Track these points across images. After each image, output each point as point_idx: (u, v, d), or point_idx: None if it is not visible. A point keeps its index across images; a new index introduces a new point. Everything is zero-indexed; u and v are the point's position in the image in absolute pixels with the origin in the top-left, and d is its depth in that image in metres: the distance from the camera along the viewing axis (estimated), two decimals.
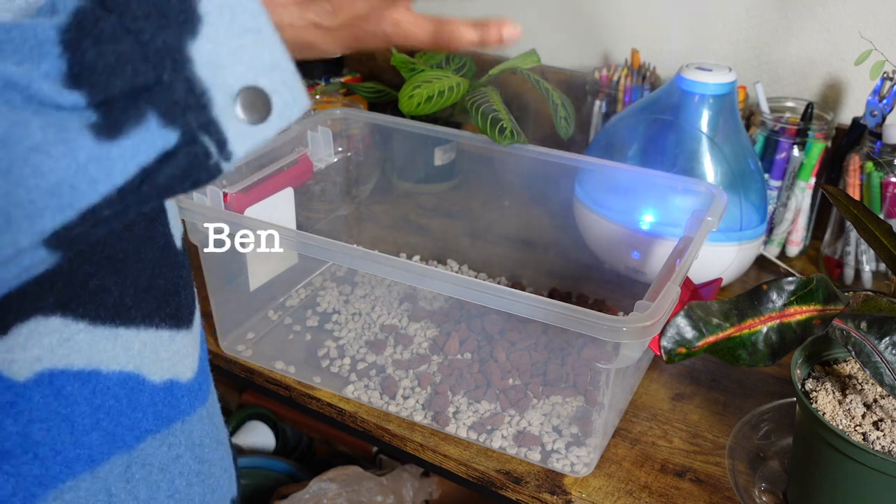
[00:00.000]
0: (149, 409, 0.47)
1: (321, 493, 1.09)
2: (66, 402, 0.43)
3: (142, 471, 0.47)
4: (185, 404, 0.50)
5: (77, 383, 0.43)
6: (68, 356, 0.43)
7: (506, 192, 1.11)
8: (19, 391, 0.41)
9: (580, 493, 0.70)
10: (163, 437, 0.48)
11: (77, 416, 0.43)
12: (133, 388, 0.46)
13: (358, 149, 1.07)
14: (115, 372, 0.45)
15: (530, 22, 1.26)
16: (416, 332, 0.88)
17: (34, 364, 0.42)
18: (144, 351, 0.46)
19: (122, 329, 0.45)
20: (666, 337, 0.59)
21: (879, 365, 0.57)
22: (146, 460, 0.47)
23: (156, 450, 0.48)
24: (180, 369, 0.49)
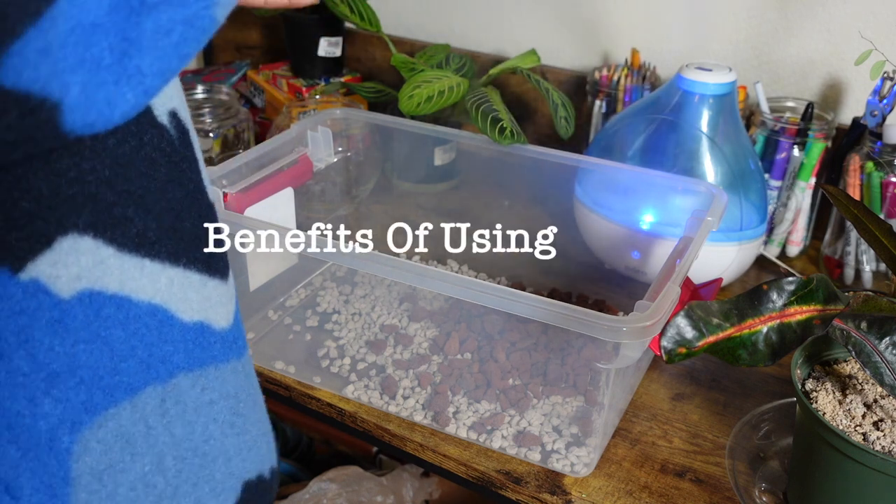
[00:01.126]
0: (180, 344, 0.48)
1: (321, 493, 1.09)
2: (104, 325, 0.45)
3: (176, 407, 0.48)
4: (218, 351, 0.51)
5: (112, 307, 0.45)
6: (102, 278, 0.44)
7: (506, 192, 1.11)
8: (65, 308, 0.43)
9: (580, 493, 0.70)
10: (195, 378, 0.49)
11: (115, 340, 0.45)
12: (163, 320, 0.47)
13: (358, 149, 1.07)
14: (145, 301, 0.46)
15: (530, 22, 1.26)
16: (416, 332, 0.88)
17: (75, 282, 0.43)
18: (172, 287, 0.48)
19: (147, 261, 0.46)
20: (666, 337, 0.59)
21: (879, 365, 0.57)
22: (179, 397, 0.48)
23: (189, 388, 0.49)
24: (212, 315, 0.51)
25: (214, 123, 1.09)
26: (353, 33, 1.38)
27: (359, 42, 1.39)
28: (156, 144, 0.46)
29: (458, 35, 1.33)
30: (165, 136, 0.47)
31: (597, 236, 0.97)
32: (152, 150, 0.46)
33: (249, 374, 0.55)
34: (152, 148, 0.46)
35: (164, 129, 0.47)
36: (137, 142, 0.45)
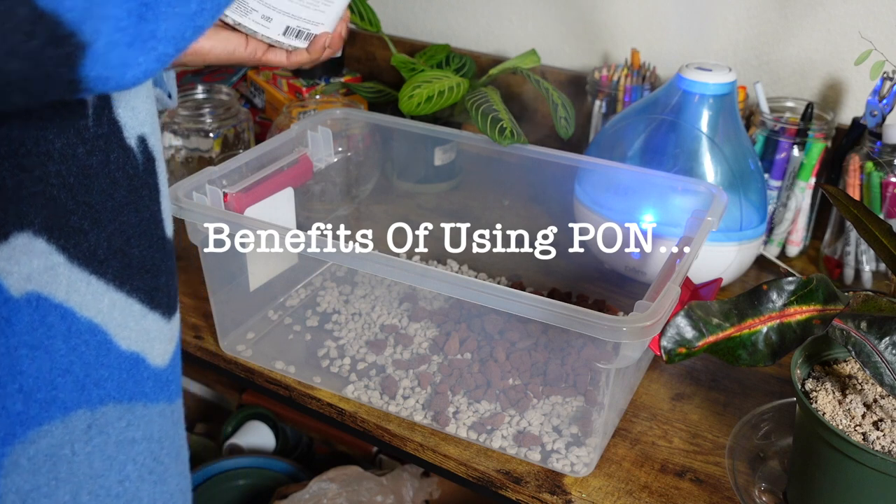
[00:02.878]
0: (114, 371, 0.48)
1: (321, 493, 1.09)
2: (48, 333, 0.44)
3: (99, 437, 0.47)
4: (150, 389, 0.50)
5: (57, 316, 0.45)
6: (51, 284, 0.44)
7: (506, 192, 1.11)
8: (13, 307, 0.43)
9: (580, 493, 0.70)
10: (123, 410, 0.49)
11: (56, 351, 0.45)
12: (101, 342, 0.47)
13: (358, 149, 1.07)
14: (87, 319, 0.46)
15: (530, 22, 1.26)
16: (416, 332, 0.88)
17: (25, 283, 0.43)
18: (113, 311, 0.47)
19: (94, 277, 0.46)
20: (666, 337, 0.59)
21: (879, 365, 0.57)
22: (105, 427, 0.48)
23: (115, 420, 0.48)
24: (148, 350, 0.50)
25: (214, 123, 1.09)
26: (353, 33, 1.38)
27: (359, 42, 1.39)
28: (120, 165, 0.46)
29: (458, 35, 1.33)
30: (130, 160, 0.47)
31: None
32: (116, 170, 0.46)
33: (177, 422, 0.54)
34: (116, 167, 0.46)
35: (131, 151, 0.47)
36: (104, 157, 0.45)
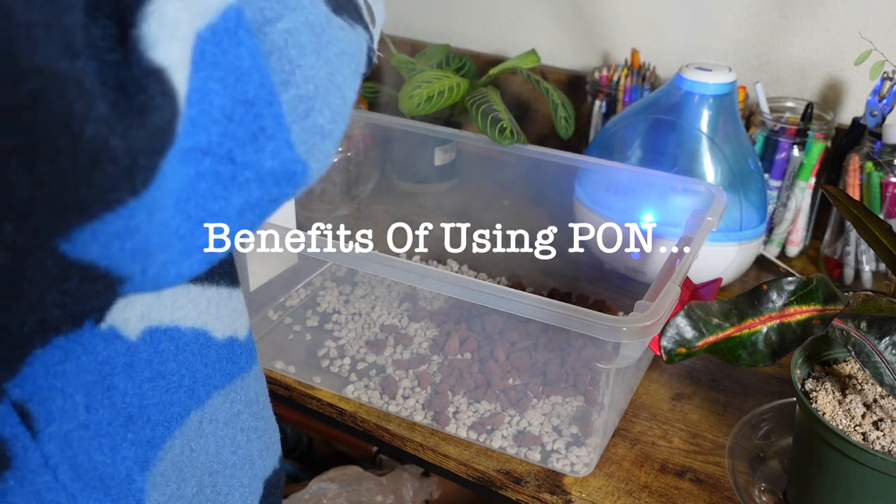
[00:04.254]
0: (216, 365, 0.49)
1: (321, 493, 1.09)
2: (161, 360, 0.44)
3: (210, 426, 0.48)
4: (244, 361, 0.52)
5: (167, 340, 0.45)
6: (159, 312, 0.44)
7: (506, 192, 1.11)
8: (133, 350, 0.43)
9: (580, 493, 0.70)
10: (226, 393, 0.50)
11: (169, 373, 0.45)
12: (203, 344, 0.47)
13: (358, 149, 1.07)
14: (190, 328, 0.46)
15: (530, 22, 1.26)
16: (416, 332, 0.88)
17: (139, 322, 0.43)
18: (210, 308, 0.48)
19: (190, 286, 0.46)
20: (666, 337, 0.59)
21: (879, 365, 0.57)
22: (214, 415, 0.49)
23: (221, 405, 0.49)
24: (238, 327, 0.51)
25: None
26: None
27: None
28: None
29: (458, 35, 1.33)
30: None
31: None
32: None
33: (261, 372, 0.56)
34: None
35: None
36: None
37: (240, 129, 0.34)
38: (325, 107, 0.38)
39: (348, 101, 0.40)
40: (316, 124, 0.37)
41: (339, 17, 0.42)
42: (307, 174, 0.38)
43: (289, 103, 0.36)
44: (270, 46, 0.35)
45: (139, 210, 0.30)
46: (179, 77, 0.31)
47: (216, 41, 0.33)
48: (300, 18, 0.37)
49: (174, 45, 0.31)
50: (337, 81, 0.39)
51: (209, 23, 0.32)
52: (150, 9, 0.30)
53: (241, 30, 0.34)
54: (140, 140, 0.29)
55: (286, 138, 0.36)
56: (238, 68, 0.33)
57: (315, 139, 0.38)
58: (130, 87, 0.29)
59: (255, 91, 0.34)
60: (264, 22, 0.35)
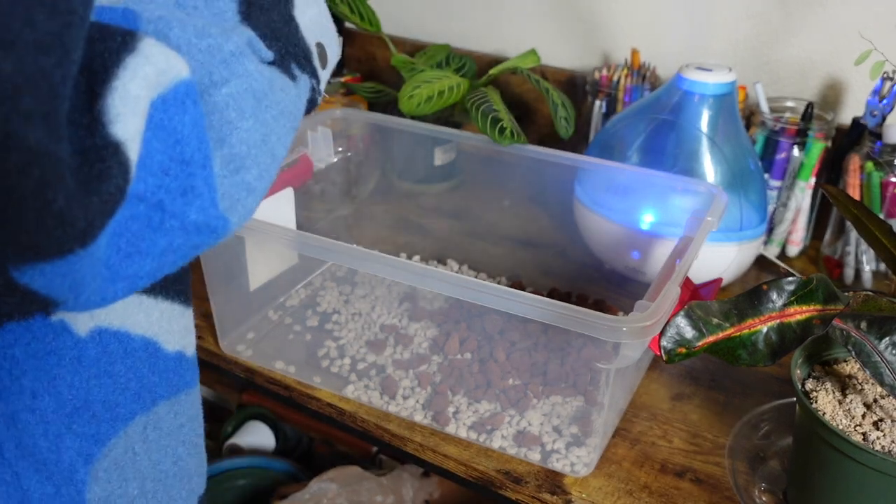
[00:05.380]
0: (164, 375, 0.51)
1: (321, 493, 1.09)
2: (110, 360, 0.47)
3: (154, 433, 0.51)
4: (189, 377, 0.54)
5: (115, 342, 0.47)
6: (108, 315, 0.47)
7: (506, 192, 1.11)
8: (81, 347, 0.45)
9: (580, 493, 0.70)
10: (171, 404, 0.52)
11: (117, 374, 0.48)
12: (152, 353, 0.50)
13: (358, 149, 1.07)
14: (140, 336, 0.49)
15: (530, 22, 1.26)
16: (416, 332, 0.88)
17: (88, 321, 0.46)
18: (162, 320, 0.50)
19: (144, 296, 0.49)
20: (666, 337, 0.59)
21: (879, 365, 0.57)
22: (158, 423, 0.51)
23: (166, 414, 0.52)
24: (187, 343, 0.54)
25: None
26: (353, 33, 1.38)
27: (359, 42, 1.39)
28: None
29: (458, 35, 1.33)
30: None
31: (597, 236, 0.97)
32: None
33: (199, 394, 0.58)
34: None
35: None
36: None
37: (173, 184, 0.38)
38: (255, 165, 0.42)
39: (278, 159, 0.45)
40: (244, 181, 0.42)
41: (283, 71, 0.45)
42: (227, 229, 0.42)
43: (221, 160, 0.40)
44: (213, 107, 0.40)
45: (84, 256, 0.34)
46: (133, 148, 0.35)
47: (165, 108, 0.37)
48: (244, 85, 0.41)
49: (133, 121, 0.35)
50: (270, 142, 0.43)
51: (161, 93, 0.37)
52: (116, 84, 0.35)
53: (188, 100, 0.38)
54: (96, 206, 0.34)
55: (212, 197, 0.40)
56: (180, 132, 0.38)
57: (241, 194, 0.42)
58: (92, 156, 0.34)
59: (192, 153, 0.38)
60: (211, 85, 0.40)
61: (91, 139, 0.34)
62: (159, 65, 0.37)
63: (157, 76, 0.36)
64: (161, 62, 0.37)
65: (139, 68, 0.36)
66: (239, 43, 0.42)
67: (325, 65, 0.51)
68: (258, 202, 0.44)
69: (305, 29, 0.49)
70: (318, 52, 0.50)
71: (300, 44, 0.48)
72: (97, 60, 0.35)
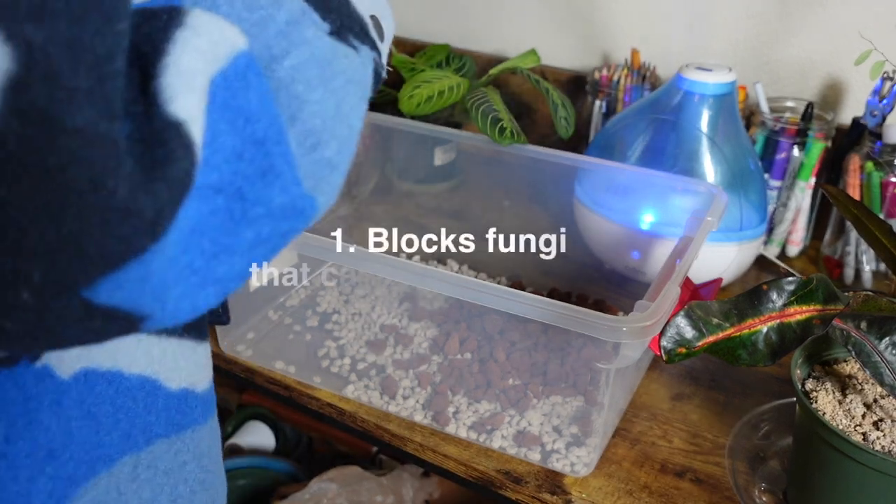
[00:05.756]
0: (162, 413, 0.48)
1: (321, 493, 1.09)
2: (95, 401, 0.44)
3: (147, 472, 0.48)
4: (198, 414, 0.51)
5: (104, 383, 0.45)
6: (99, 356, 0.44)
7: (506, 192, 1.11)
8: (63, 389, 0.43)
9: (580, 493, 0.70)
10: (171, 443, 0.49)
11: (102, 415, 0.45)
12: (150, 392, 0.47)
13: (358, 149, 1.07)
14: (136, 375, 0.46)
15: (530, 22, 1.26)
16: (416, 332, 0.88)
17: (75, 362, 0.43)
18: (164, 358, 0.47)
19: (143, 335, 0.46)
20: (666, 337, 0.59)
21: (879, 365, 0.57)
22: (152, 462, 0.48)
23: (163, 454, 0.49)
24: (197, 379, 0.51)
25: None
26: None
27: None
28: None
29: (458, 35, 1.33)
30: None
31: (597, 236, 0.97)
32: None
33: (216, 426, 0.55)
34: None
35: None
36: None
37: (250, 168, 0.35)
38: (333, 139, 0.39)
39: (355, 130, 0.41)
40: (324, 157, 0.38)
41: (343, 42, 0.42)
42: (315, 209, 0.39)
43: (296, 138, 0.36)
44: (278, 83, 0.36)
45: (157, 253, 0.31)
46: (196, 128, 0.32)
47: (227, 86, 0.34)
48: (306, 54, 0.38)
49: (191, 97, 0.32)
50: (344, 112, 0.40)
51: (221, 68, 0.34)
52: (167, 60, 0.32)
53: (250, 73, 0.35)
54: (163, 193, 0.30)
55: (294, 175, 0.36)
56: (247, 110, 0.34)
57: (323, 172, 0.38)
58: (152, 141, 0.31)
59: (264, 131, 0.35)
60: (271, 59, 0.36)
61: (149, 124, 0.31)
62: (212, 36, 0.34)
63: (211, 49, 0.33)
64: (214, 33, 0.34)
65: (189, 41, 0.33)
66: (293, 10, 0.38)
67: (382, 37, 0.48)
68: (343, 178, 0.41)
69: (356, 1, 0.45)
70: (374, 24, 0.47)
71: (354, 15, 0.44)
72: (145, 43, 0.32)
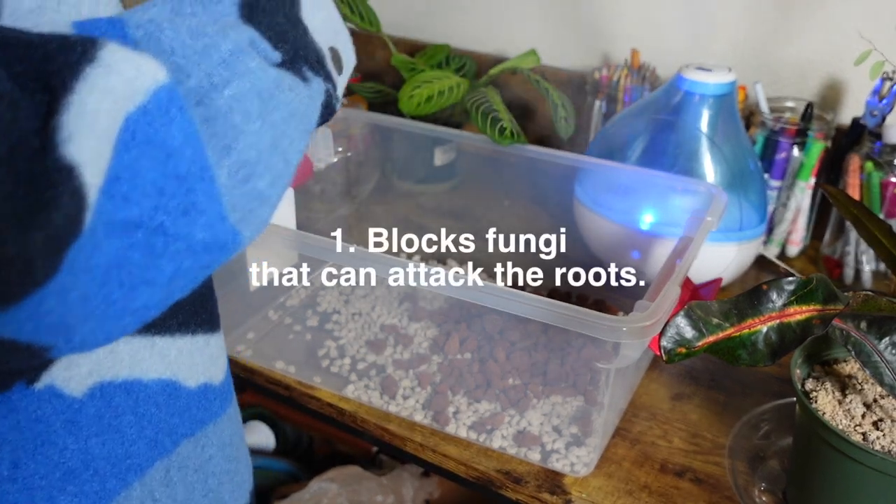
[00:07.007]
0: (185, 413, 0.48)
1: (321, 493, 1.09)
2: (115, 414, 0.44)
3: (179, 473, 0.48)
4: (217, 406, 0.51)
5: (123, 394, 0.44)
6: (113, 367, 0.43)
7: (506, 192, 1.11)
8: (77, 408, 0.42)
9: (580, 493, 0.70)
10: (196, 440, 0.49)
11: (125, 426, 0.44)
12: (171, 394, 0.47)
13: (358, 149, 1.07)
14: (155, 380, 0.46)
15: (530, 22, 1.26)
16: (416, 332, 0.88)
17: (87, 379, 0.42)
18: (181, 357, 0.47)
19: (157, 338, 0.45)
20: (666, 337, 0.59)
21: (879, 365, 0.57)
22: (183, 463, 0.48)
23: (191, 452, 0.49)
24: (213, 372, 0.50)
25: None
26: (353, 33, 1.37)
27: (359, 42, 1.38)
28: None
29: (458, 35, 1.33)
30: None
31: (597, 236, 0.97)
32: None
33: (236, 413, 0.54)
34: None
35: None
36: None
37: (172, 203, 0.34)
38: (267, 172, 0.38)
39: (291, 164, 0.41)
40: (255, 189, 0.38)
41: (293, 72, 0.42)
42: (239, 243, 0.38)
43: (229, 169, 0.36)
44: (216, 112, 0.36)
45: (48, 295, 0.30)
46: (93, 171, 0.31)
47: (148, 121, 0.33)
48: (247, 85, 0.37)
49: (89, 140, 0.31)
50: (281, 146, 0.39)
51: (139, 104, 0.33)
52: (71, 98, 0.30)
53: (172, 108, 0.34)
54: (38, 243, 0.29)
55: (219, 211, 0.36)
56: (170, 145, 0.34)
57: (253, 204, 0.38)
58: (41, 182, 0.29)
59: (188, 167, 0.34)
60: (211, 88, 0.36)
61: (42, 162, 0.29)
62: (126, 73, 0.32)
63: (124, 86, 0.32)
64: (127, 70, 0.32)
65: (99, 79, 0.31)
66: (238, 41, 0.38)
67: (340, 70, 0.48)
68: (272, 211, 0.40)
69: (316, 32, 0.45)
70: (332, 55, 0.46)
71: (311, 46, 0.44)
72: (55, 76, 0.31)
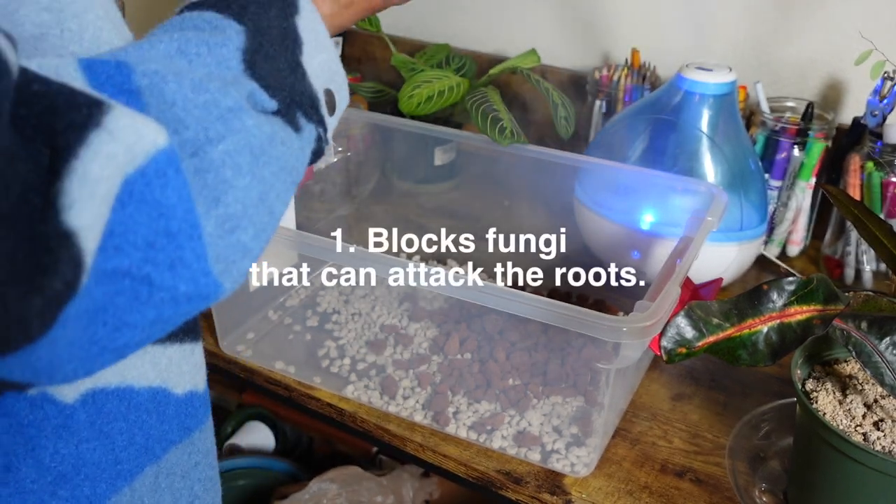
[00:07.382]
0: (174, 420, 0.49)
1: (321, 493, 1.09)
2: (106, 420, 0.45)
3: (167, 480, 0.49)
4: (202, 413, 0.52)
5: (115, 400, 0.45)
6: (105, 374, 0.44)
7: (506, 192, 1.11)
8: (70, 413, 0.43)
9: (580, 493, 0.70)
10: (184, 447, 0.50)
11: (116, 432, 0.45)
12: (161, 401, 0.48)
13: (358, 149, 1.07)
14: (146, 387, 0.47)
15: (530, 22, 1.26)
16: (416, 332, 0.88)
17: (79, 385, 0.43)
18: (171, 365, 0.48)
19: (149, 346, 0.46)
20: (666, 337, 0.59)
21: (880, 365, 0.57)
22: (171, 469, 0.49)
23: (179, 458, 0.50)
24: (198, 380, 0.52)
25: None
26: (353, 33, 1.38)
27: (359, 42, 1.39)
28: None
29: (458, 35, 1.33)
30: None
31: (597, 236, 0.97)
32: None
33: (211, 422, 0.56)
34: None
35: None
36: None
37: (160, 256, 0.35)
38: (251, 225, 0.40)
39: (276, 217, 0.43)
40: (239, 241, 0.40)
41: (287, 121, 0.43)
42: (220, 294, 0.40)
43: (215, 220, 0.38)
44: (208, 165, 0.38)
45: (40, 347, 0.32)
46: (90, 238, 0.32)
47: (145, 182, 0.34)
48: (241, 142, 0.39)
49: (90, 207, 0.32)
50: (268, 200, 0.41)
51: (138, 167, 0.34)
52: (75, 164, 0.32)
53: (170, 170, 0.35)
54: (37, 307, 0.30)
55: (203, 266, 0.37)
56: (164, 205, 0.35)
57: (235, 256, 0.40)
58: (39, 245, 0.30)
59: (178, 225, 0.36)
60: (206, 142, 0.38)
61: (42, 226, 0.31)
62: (128, 140, 0.33)
63: (126, 151, 0.33)
64: (130, 137, 0.34)
65: (103, 146, 0.32)
66: (238, 98, 0.40)
67: (332, 112, 0.49)
68: (253, 262, 0.42)
69: (313, 75, 0.47)
70: (326, 98, 0.48)
71: (307, 91, 0.46)
72: (60, 136, 0.32)
